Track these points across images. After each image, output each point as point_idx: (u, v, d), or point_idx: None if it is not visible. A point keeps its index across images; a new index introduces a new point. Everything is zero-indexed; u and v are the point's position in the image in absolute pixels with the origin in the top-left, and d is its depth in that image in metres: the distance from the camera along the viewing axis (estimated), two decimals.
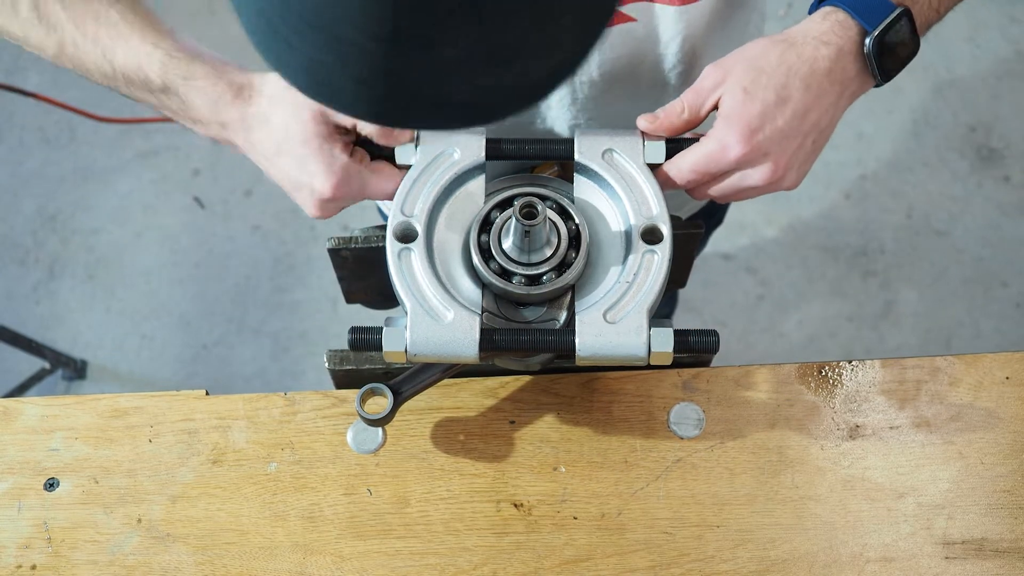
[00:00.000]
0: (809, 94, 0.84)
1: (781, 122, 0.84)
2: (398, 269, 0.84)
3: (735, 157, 0.85)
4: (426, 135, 0.89)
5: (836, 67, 0.85)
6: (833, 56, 0.85)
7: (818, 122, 0.86)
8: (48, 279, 2.61)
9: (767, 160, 0.85)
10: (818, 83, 0.85)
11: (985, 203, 2.65)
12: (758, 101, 0.83)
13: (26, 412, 1.01)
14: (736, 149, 0.84)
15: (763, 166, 0.86)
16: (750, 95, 0.83)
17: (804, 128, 0.85)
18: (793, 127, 0.84)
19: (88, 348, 2.52)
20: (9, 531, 0.96)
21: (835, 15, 0.86)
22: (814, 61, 0.84)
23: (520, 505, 0.96)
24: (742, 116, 0.83)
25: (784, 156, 0.86)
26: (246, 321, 2.54)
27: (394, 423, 0.98)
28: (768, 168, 0.86)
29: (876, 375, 1.02)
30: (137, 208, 2.68)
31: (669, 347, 0.82)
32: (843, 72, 0.86)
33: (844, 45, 0.85)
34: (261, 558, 0.94)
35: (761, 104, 0.83)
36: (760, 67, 0.84)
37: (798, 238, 2.63)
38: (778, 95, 0.84)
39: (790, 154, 0.86)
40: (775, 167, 0.86)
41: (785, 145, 0.85)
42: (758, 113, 0.83)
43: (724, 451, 0.98)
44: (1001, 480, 0.97)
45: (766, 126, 0.84)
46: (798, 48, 0.85)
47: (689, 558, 0.94)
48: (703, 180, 0.88)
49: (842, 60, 0.86)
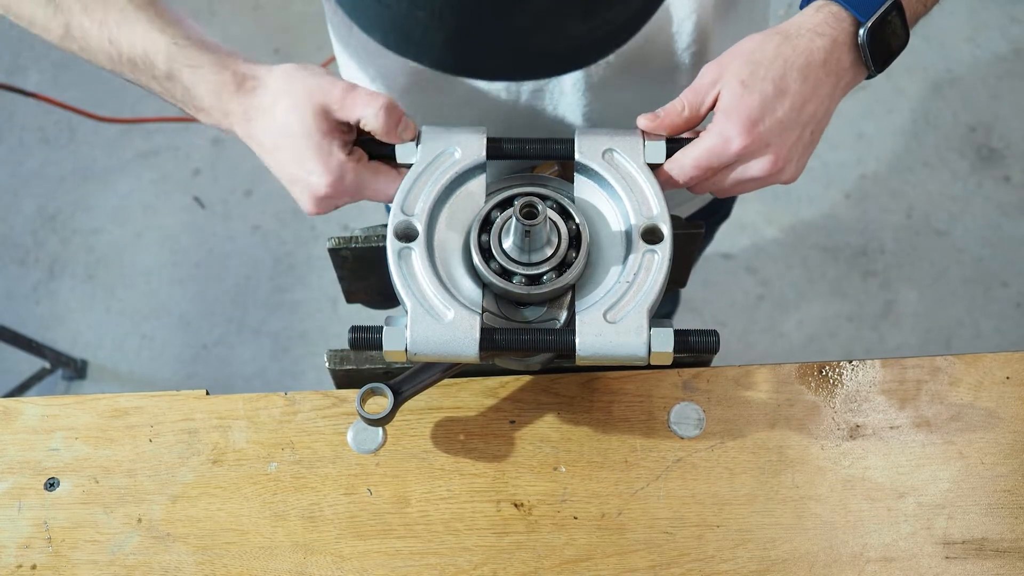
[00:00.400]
0: (807, 85, 0.85)
1: (781, 113, 0.85)
2: (398, 268, 0.84)
3: (737, 150, 0.85)
4: (427, 134, 0.89)
5: (831, 58, 0.86)
6: (828, 47, 0.86)
7: (815, 113, 0.87)
8: (48, 279, 2.61)
9: (768, 151, 0.86)
10: (815, 74, 0.86)
11: (985, 203, 2.65)
12: (756, 93, 0.84)
13: (26, 412, 1.01)
14: (738, 141, 0.84)
15: (764, 158, 0.86)
16: (748, 88, 0.84)
17: (803, 119, 0.86)
18: (792, 118, 0.85)
19: (88, 348, 2.52)
20: (9, 531, 0.96)
21: (829, 7, 0.87)
22: (810, 53, 0.85)
23: (520, 505, 0.96)
24: (741, 109, 0.84)
25: (784, 147, 0.86)
26: (246, 321, 2.54)
27: (394, 423, 0.98)
28: (769, 159, 0.86)
29: (876, 375, 1.02)
30: (137, 208, 2.69)
31: (669, 347, 0.82)
32: (838, 63, 0.87)
33: (838, 36, 0.86)
34: (261, 558, 0.94)
35: (760, 96, 0.84)
36: (757, 60, 0.85)
37: (798, 238, 2.63)
38: (776, 87, 0.84)
39: (790, 145, 0.87)
40: (776, 158, 0.86)
41: (785, 136, 0.86)
42: (758, 105, 0.84)
43: (724, 451, 0.98)
44: (1001, 480, 0.97)
45: (766, 117, 0.84)
46: (793, 40, 0.86)
47: (689, 558, 0.94)
48: (705, 176, 0.88)
49: (837, 51, 0.86)
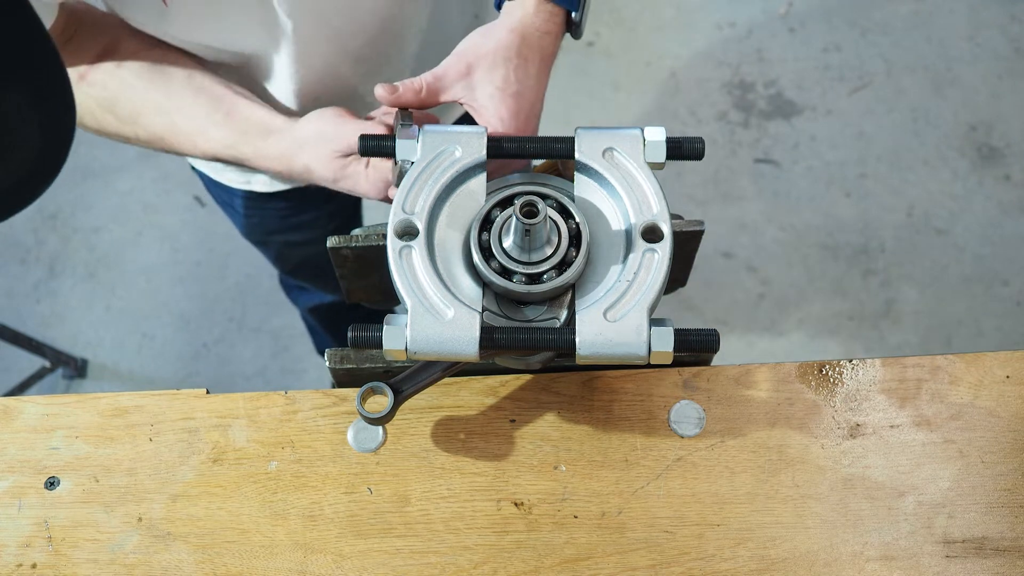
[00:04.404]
0: (540, 82, 1.00)
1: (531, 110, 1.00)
2: (399, 266, 0.84)
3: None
4: (428, 133, 0.89)
5: (555, 50, 1.03)
6: (553, 42, 1.02)
7: (542, 98, 1.02)
8: (49, 278, 2.61)
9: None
10: (547, 69, 1.02)
11: (986, 201, 2.65)
12: (509, 97, 0.97)
13: (26, 411, 1.01)
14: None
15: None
16: (504, 92, 0.97)
17: (537, 110, 1.01)
18: (536, 111, 1.01)
19: (88, 347, 2.52)
20: (10, 530, 0.96)
21: (545, 6, 1.00)
22: (542, 50, 1.00)
23: (520, 504, 0.96)
24: (503, 117, 0.97)
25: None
26: (246, 320, 2.54)
27: (394, 422, 0.98)
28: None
29: (876, 374, 1.02)
30: (138, 207, 2.69)
31: (669, 346, 0.82)
32: (555, 53, 1.03)
33: (557, 30, 1.02)
34: (261, 557, 0.94)
35: (514, 101, 0.98)
36: (503, 61, 0.97)
37: (799, 237, 2.63)
38: (522, 88, 0.98)
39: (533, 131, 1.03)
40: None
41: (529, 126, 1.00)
42: (515, 112, 0.98)
43: (724, 450, 0.98)
44: (1001, 479, 0.97)
45: (521, 116, 0.98)
46: (528, 41, 0.99)
47: (689, 557, 0.94)
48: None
49: (557, 42, 1.03)
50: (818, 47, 2.91)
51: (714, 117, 2.83)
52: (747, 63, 2.90)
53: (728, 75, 2.89)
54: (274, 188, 1.43)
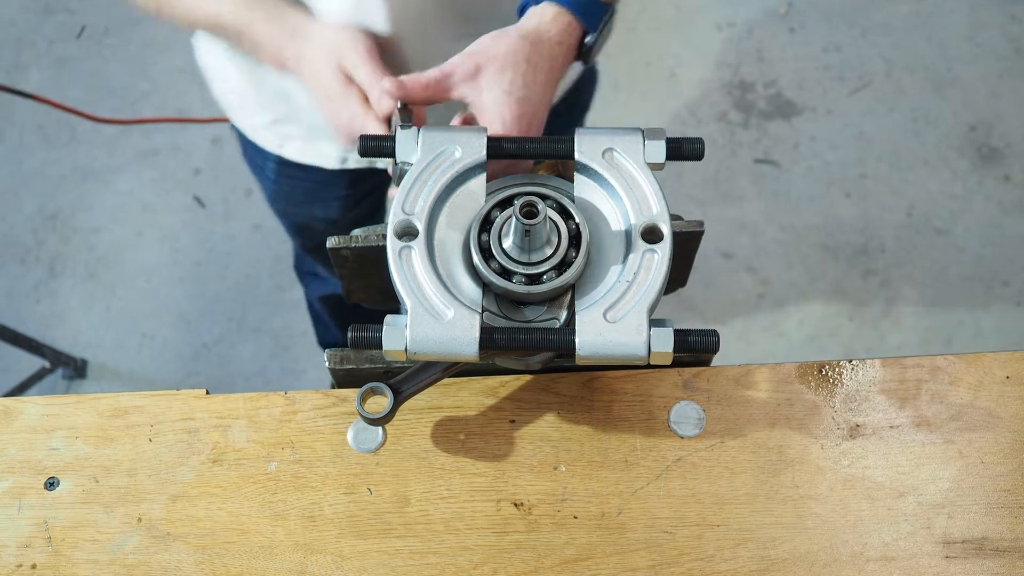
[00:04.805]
0: (547, 91, 1.01)
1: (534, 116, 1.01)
2: (398, 267, 0.84)
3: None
4: (427, 133, 0.89)
5: (566, 63, 1.03)
6: (565, 54, 1.02)
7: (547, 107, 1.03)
8: (48, 278, 2.61)
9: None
10: (555, 79, 1.02)
11: (985, 202, 2.65)
12: (515, 101, 0.98)
13: (26, 411, 1.01)
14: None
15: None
16: (510, 96, 0.97)
17: (541, 117, 1.02)
18: (540, 118, 1.02)
19: (88, 347, 2.52)
20: (9, 530, 0.96)
21: (563, 17, 1.00)
22: (552, 59, 1.00)
23: (520, 504, 0.96)
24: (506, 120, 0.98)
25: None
26: (246, 320, 2.55)
27: (394, 422, 0.98)
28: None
29: (876, 374, 1.02)
30: (137, 207, 2.69)
31: (669, 347, 0.82)
32: (565, 67, 1.04)
33: (572, 44, 1.02)
34: (261, 557, 0.94)
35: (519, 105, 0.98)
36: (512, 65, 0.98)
37: (798, 237, 2.63)
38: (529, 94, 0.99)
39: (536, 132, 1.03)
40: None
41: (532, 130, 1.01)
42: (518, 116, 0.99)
43: (724, 450, 0.98)
44: (1001, 479, 0.97)
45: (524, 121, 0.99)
46: (540, 48, 0.99)
47: (689, 557, 0.94)
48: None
49: (569, 56, 1.03)
50: (818, 47, 2.91)
51: (714, 117, 2.83)
52: (747, 63, 2.91)
53: (728, 75, 2.89)
54: (305, 160, 1.43)
